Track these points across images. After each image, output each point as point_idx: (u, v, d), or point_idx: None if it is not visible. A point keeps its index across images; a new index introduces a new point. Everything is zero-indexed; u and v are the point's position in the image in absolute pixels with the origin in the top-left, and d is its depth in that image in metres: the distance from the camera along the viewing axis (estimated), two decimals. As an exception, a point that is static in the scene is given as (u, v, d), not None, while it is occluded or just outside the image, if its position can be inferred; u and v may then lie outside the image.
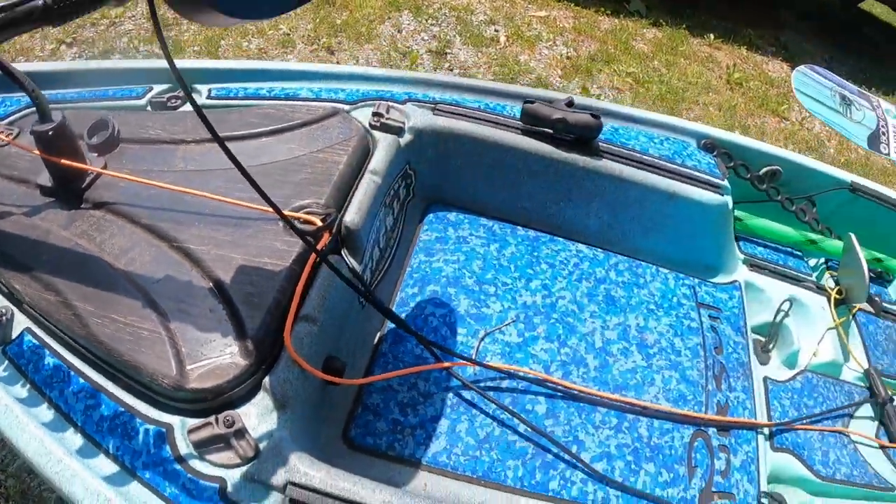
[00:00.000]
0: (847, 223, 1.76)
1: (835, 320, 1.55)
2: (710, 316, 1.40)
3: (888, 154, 1.84)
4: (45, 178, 1.07)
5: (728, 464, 1.19)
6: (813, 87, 1.90)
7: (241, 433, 0.84)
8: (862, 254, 1.56)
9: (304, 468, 0.85)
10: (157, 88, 1.39)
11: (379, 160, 1.21)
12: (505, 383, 1.18)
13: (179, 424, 0.86)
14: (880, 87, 3.88)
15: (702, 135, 1.59)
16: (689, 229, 1.45)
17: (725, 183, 1.47)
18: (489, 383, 1.18)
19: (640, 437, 1.17)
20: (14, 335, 0.96)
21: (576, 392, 1.19)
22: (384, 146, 1.24)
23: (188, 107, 1.32)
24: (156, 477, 0.83)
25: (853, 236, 1.59)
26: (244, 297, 0.93)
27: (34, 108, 0.98)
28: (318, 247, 0.99)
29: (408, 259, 1.34)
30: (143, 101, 1.35)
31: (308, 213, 1.03)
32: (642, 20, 3.83)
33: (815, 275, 1.68)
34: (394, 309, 1.24)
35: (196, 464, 0.84)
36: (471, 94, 1.47)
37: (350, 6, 3.57)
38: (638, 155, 1.41)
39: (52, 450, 0.83)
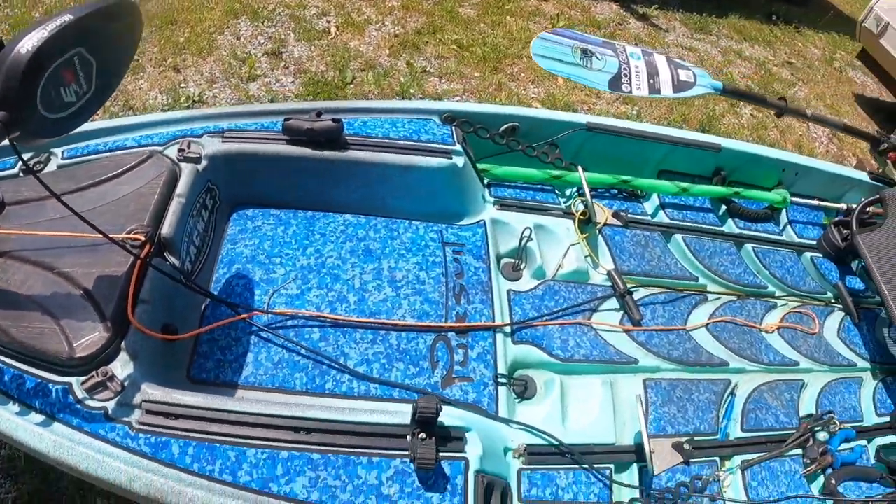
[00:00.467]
0: (593, 157, 2.19)
1: (578, 237, 1.98)
2: (454, 251, 1.81)
3: (629, 91, 2.24)
4: None
5: (466, 357, 1.62)
6: (553, 49, 2.27)
7: (112, 378, 1.28)
8: (584, 179, 1.98)
9: (151, 391, 1.29)
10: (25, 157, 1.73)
11: (183, 185, 1.59)
12: (289, 322, 1.61)
13: (76, 382, 1.28)
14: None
15: (443, 111, 1.98)
16: (430, 188, 1.84)
17: (457, 147, 1.86)
18: (278, 325, 1.60)
19: (391, 345, 1.60)
20: None
21: (340, 321, 1.61)
22: (186, 173, 1.62)
23: (51, 167, 1.66)
24: (67, 416, 1.26)
25: (580, 168, 2.02)
26: (104, 296, 1.34)
27: None
28: (143, 254, 1.40)
29: (220, 249, 1.73)
30: (15, 170, 1.66)
31: (134, 232, 1.45)
32: (466, -15, 4.17)
33: (566, 203, 2.10)
34: (213, 285, 1.65)
35: (89, 402, 1.27)
36: (250, 119, 1.83)
37: (190, 22, 3.83)
38: (375, 140, 1.79)
39: (3, 415, 1.26)
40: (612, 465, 1.60)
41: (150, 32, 3.81)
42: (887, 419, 2.03)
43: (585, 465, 1.55)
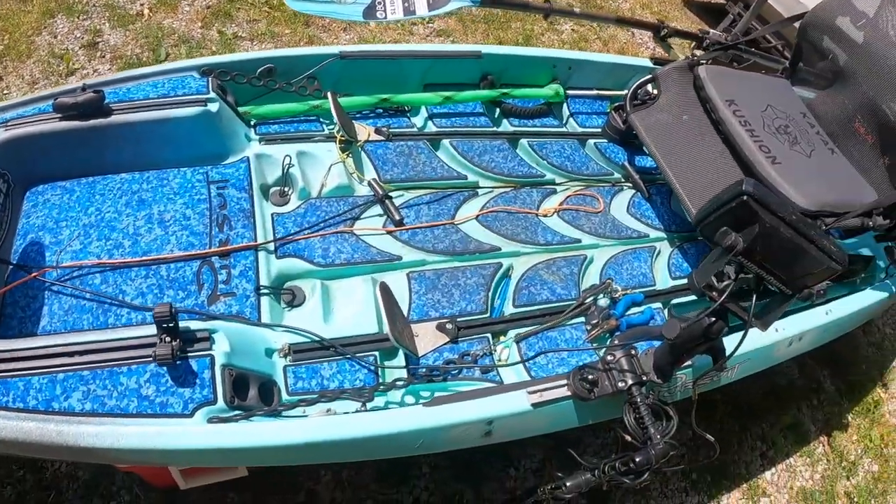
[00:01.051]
0: (356, 83, 2.44)
1: (339, 155, 2.25)
2: (218, 187, 2.07)
3: (384, 18, 2.47)
4: None
5: (229, 276, 1.89)
6: (305, -10, 2.49)
7: None
8: (333, 104, 2.23)
9: None
10: None
11: None
12: (75, 273, 1.84)
13: None
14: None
15: (201, 65, 2.20)
16: (191, 136, 2.09)
17: (211, 95, 2.10)
18: (66, 278, 1.83)
19: (162, 277, 1.86)
20: None
21: (117, 264, 1.86)
22: None
23: None
24: None
25: (329, 94, 2.27)
26: None
27: None
28: None
29: (18, 223, 1.94)
30: None
31: None
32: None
33: (329, 128, 2.35)
34: (12, 256, 1.85)
35: None
36: (28, 106, 2.01)
37: (8, 29, 3.91)
38: (135, 103, 2.02)
39: None
40: (376, 353, 1.85)
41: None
42: (684, 281, 2.28)
43: (349, 355, 1.82)
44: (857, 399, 3.15)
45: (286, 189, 2.17)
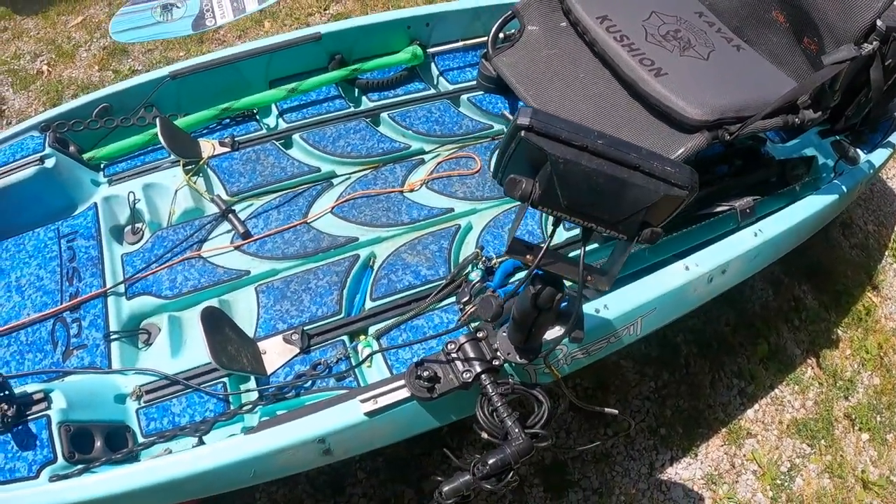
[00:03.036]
0: (198, 99, 2.39)
1: (183, 178, 2.22)
2: (67, 241, 2.08)
3: (214, 24, 2.44)
4: None
5: (80, 327, 1.90)
6: (134, 19, 2.49)
7: None
8: (161, 132, 2.14)
9: None
10: None
11: None
12: None
13: None
14: None
15: (39, 123, 2.22)
16: (35, 196, 2.12)
17: (47, 151, 2.12)
18: None
19: (21, 342, 1.89)
20: None
21: None
22: None
23: None
24: None
25: (158, 120, 2.18)
26: None
27: None
28: None
29: None
30: None
31: None
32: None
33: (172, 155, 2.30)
34: None
35: None
36: None
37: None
38: None
39: None
40: (225, 380, 1.83)
41: None
42: (577, 231, 2.09)
43: (193, 388, 1.80)
44: (844, 310, 2.96)
45: (138, 226, 2.17)
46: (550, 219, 1.31)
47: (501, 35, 2.50)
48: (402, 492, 2.39)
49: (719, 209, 2.24)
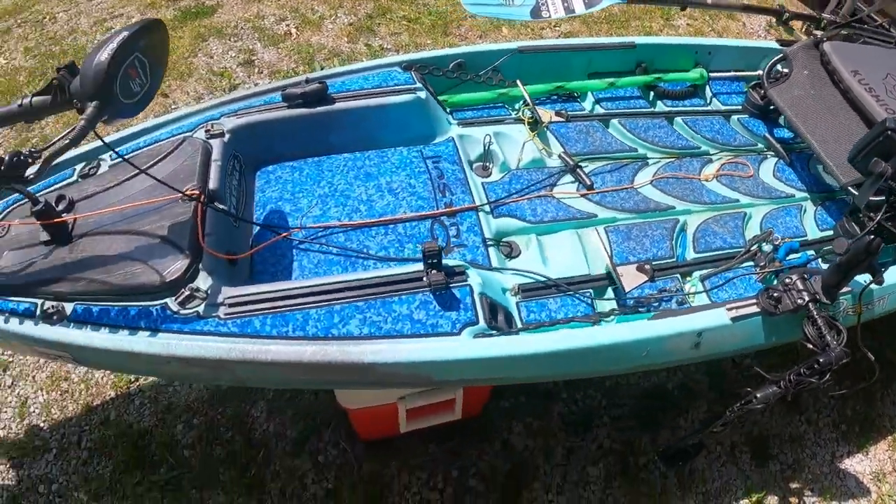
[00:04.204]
0: (531, 73, 2.89)
1: (529, 134, 2.69)
2: (433, 162, 2.50)
3: (549, 16, 2.92)
4: (44, 236, 1.94)
5: (458, 231, 2.30)
6: (481, -9, 2.97)
7: (198, 289, 1.87)
8: (525, 91, 2.67)
9: (230, 291, 1.89)
10: (78, 167, 2.30)
11: (216, 153, 2.24)
12: (320, 234, 2.26)
13: (170, 300, 1.85)
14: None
15: (402, 62, 2.68)
16: (404, 120, 2.53)
17: (417, 85, 2.55)
18: (311, 237, 2.24)
19: (399, 234, 2.27)
20: (69, 311, 1.88)
21: (358, 224, 2.28)
22: (216, 146, 2.27)
23: (102, 169, 2.23)
24: (169, 324, 1.82)
25: (518, 82, 2.71)
26: (178, 235, 1.93)
27: (20, 202, 2.02)
28: (202, 199, 2.02)
29: (253, 198, 2.39)
30: (74, 177, 2.24)
31: (189, 189, 2.04)
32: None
33: (515, 113, 2.80)
34: (255, 218, 2.29)
35: (183, 311, 1.84)
36: (255, 98, 2.50)
37: (164, 52, 4.54)
38: (355, 92, 2.49)
39: (117, 338, 1.81)
40: (590, 290, 2.25)
41: (131, 70, 4.52)
42: (831, 232, 2.64)
43: (570, 292, 2.23)
44: None
45: (487, 164, 2.61)
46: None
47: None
48: (640, 437, 2.78)
49: None
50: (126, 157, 2.09)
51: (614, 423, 2.81)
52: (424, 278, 1.95)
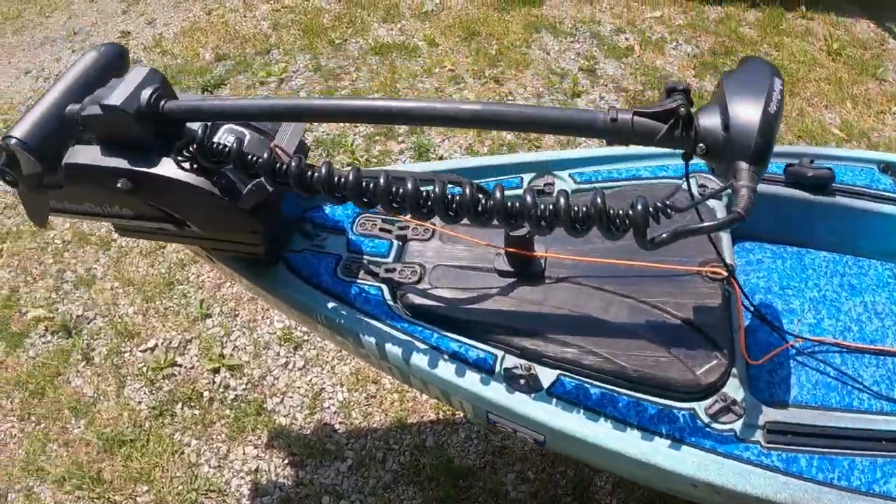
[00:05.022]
0: None
1: None
2: None
3: None
4: (502, 265, 1.68)
5: None
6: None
7: (735, 402, 1.67)
8: None
9: (770, 413, 1.71)
10: (527, 177, 2.16)
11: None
12: (817, 348, 1.99)
13: (699, 407, 1.67)
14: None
15: (878, 160, 2.56)
16: (886, 230, 2.40)
17: None
18: (807, 350, 1.99)
19: (888, 368, 1.95)
20: (546, 383, 1.59)
21: (855, 348, 2.00)
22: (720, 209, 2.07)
23: (559, 187, 2.03)
24: (698, 439, 1.63)
25: None
26: (710, 326, 1.74)
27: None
28: (732, 283, 1.84)
29: None
30: (519, 191, 2.05)
31: (710, 265, 1.85)
32: (741, 3, 4.81)
33: None
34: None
35: (715, 426, 1.65)
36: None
37: (496, 35, 4.59)
38: (860, 189, 2.30)
39: (629, 440, 1.64)
40: None
41: (456, 43, 4.59)
42: None
43: None
44: None
45: None
46: None
47: None
48: None
49: None
50: (593, 185, 1.96)
51: None
52: None
